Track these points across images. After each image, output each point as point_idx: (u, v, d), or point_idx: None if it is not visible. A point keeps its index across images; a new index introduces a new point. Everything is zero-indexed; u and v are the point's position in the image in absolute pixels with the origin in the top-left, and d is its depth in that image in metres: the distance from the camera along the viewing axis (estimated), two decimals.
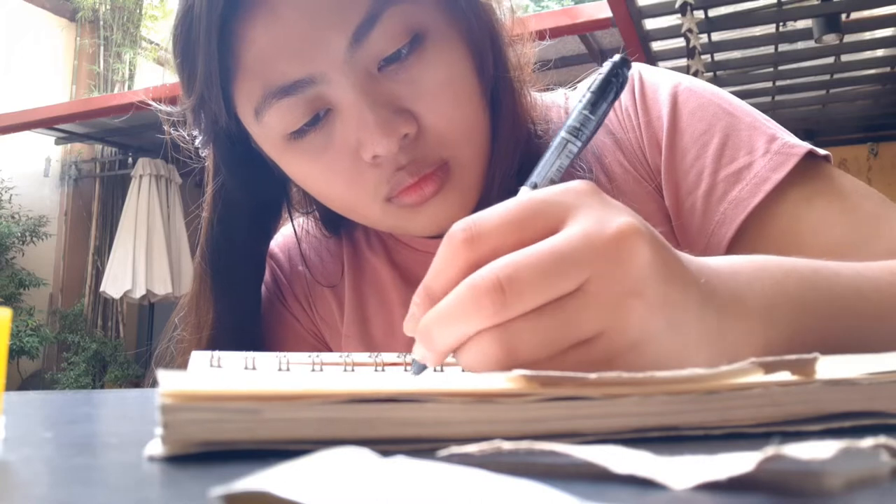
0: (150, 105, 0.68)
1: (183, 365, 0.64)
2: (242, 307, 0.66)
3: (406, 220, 0.55)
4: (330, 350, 0.70)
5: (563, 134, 0.39)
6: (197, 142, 0.63)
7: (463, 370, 0.31)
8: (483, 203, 0.56)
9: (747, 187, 0.54)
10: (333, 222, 0.70)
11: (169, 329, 0.68)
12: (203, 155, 0.64)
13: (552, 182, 0.38)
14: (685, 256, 0.33)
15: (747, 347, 0.33)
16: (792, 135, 0.57)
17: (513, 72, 0.58)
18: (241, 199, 0.63)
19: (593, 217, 0.30)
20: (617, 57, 0.40)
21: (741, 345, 0.33)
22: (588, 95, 0.39)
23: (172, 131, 0.65)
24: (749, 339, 0.34)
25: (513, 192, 0.56)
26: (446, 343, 0.30)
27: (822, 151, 0.56)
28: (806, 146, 0.55)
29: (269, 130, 0.54)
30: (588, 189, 0.31)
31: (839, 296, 0.39)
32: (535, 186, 0.38)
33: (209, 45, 0.51)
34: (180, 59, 0.55)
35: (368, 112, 0.50)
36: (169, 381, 0.22)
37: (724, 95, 0.60)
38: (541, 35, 0.64)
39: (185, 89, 0.56)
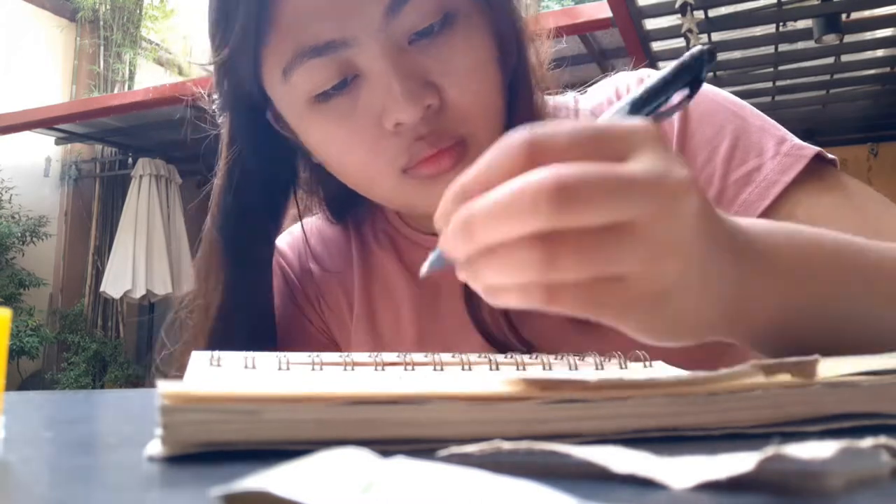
0: (193, 96, 0.68)
1: (187, 348, 0.64)
2: (252, 278, 0.65)
3: (418, 194, 0.56)
4: (339, 347, 0.71)
5: (622, 103, 0.38)
6: (215, 105, 0.63)
7: (477, 289, 0.29)
8: None
9: (756, 190, 0.55)
10: (339, 206, 0.71)
11: (178, 302, 0.68)
12: (220, 122, 0.64)
13: None
14: (724, 216, 0.35)
15: (764, 303, 0.36)
16: (800, 140, 0.58)
17: (531, 68, 0.60)
18: (255, 168, 0.63)
19: (660, 160, 0.29)
20: (696, 49, 0.39)
21: (759, 301, 0.36)
22: (662, 75, 0.39)
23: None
24: (768, 296, 0.36)
25: None
26: (488, 238, 0.28)
27: (829, 156, 0.57)
28: (814, 149, 0.56)
29: (294, 91, 0.55)
30: (654, 131, 0.31)
31: (861, 268, 0.41)
32: None
33: None
34: (216, 14, 0.56)
35: (395, 81, 0.51)
36: (168, 384, 0.22)
37: (733, 99, 0.61)
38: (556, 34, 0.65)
39: (217, 45, 0.57)
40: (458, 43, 0.54)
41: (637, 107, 0.37)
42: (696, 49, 0.38)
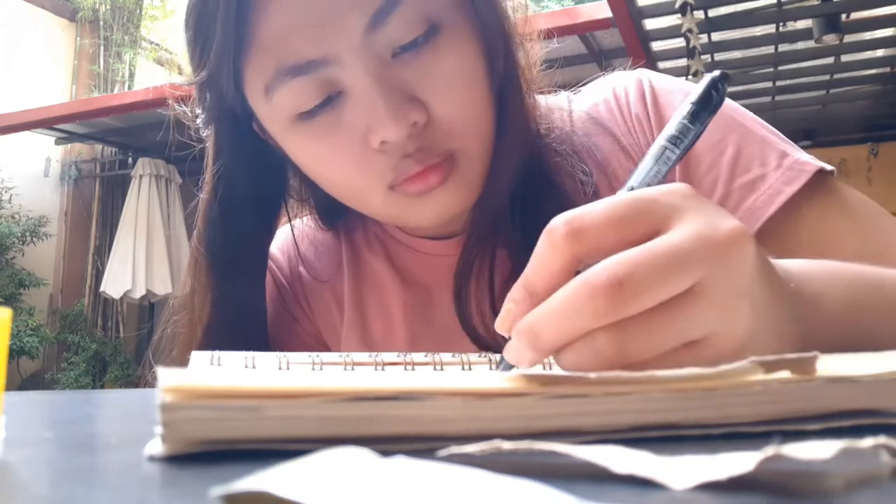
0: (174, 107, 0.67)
1: (179, 357, 0.63)
2: (244, 293, 0.64)
3: (407, 210, 0.55)
4: (329, 351, 0.70)
5: (661, 142, 0.39)
6: (199, 120, 0.62)
7: (563, 369, 0.29)
8: (484, 199, 0.56)
9: (762, 197, 0.55)
10: (330, 213, 0.70)
11: (165, 320, 0.67)
12: (204, 136, 0.64)
13: (649, 186, 0.38)
14: (774, 261, 0.35)
15: (821, 338, 0.35)
16: (800, 150, 0.58)
17: (521, 71, 0.59)
18: (242, 182, 0.62)
19: (703, 218, 0.30)
20: (717, 72, 0.40)
21: (816, 336, 0.35)
22: (690, 106, 0.39)
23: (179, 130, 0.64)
24: (824, 332, 0.37)
25: (516, 191, 0.56)
26: (555, 341, 0.29)
27: (828, 167, 0.56)
28: (816, 164, 0.56)
29: (277, 110, 0.54)
30: (689, 191, 0.32)
31: (890, 299, 0.44)
32: (632, 190, 0.37)
33: (228, 16, 0.51)
34: (193, 31, 0.54)
35: (379, 98, 0.50)
36: (168, 380, 0.22)
37: (735, 106, 0.61)
38: (548, 34, 0.64)
39: (196, 63, 0.56)
40: (443, 56, 0.52)
41: (676, 144, 0.38)
42: (711, 76, 0.39)
